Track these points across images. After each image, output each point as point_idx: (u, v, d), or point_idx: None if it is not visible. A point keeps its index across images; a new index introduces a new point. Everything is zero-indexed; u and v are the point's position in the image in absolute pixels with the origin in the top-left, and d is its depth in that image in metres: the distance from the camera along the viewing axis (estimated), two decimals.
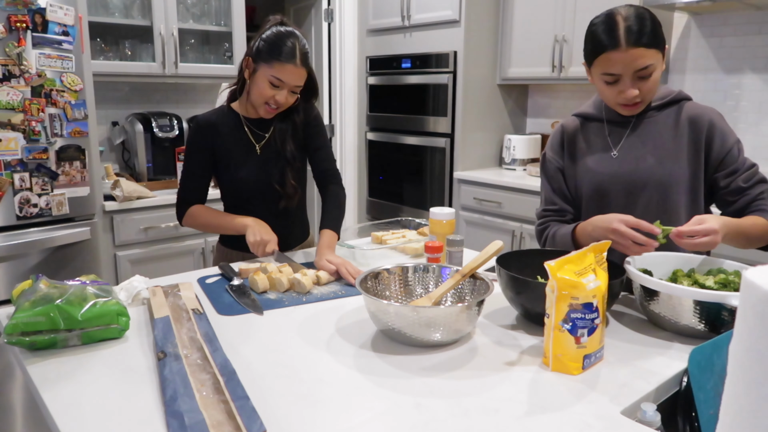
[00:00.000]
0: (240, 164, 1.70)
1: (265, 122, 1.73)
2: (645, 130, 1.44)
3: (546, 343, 1.03)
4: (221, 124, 1.70)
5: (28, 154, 2.22)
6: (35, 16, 2.17)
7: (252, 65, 1.64)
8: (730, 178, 1.38)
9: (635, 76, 1.31)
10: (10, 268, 2.28)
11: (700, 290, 1.09)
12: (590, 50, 1.35)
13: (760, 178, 1.39)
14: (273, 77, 1.59)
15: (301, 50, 1.61)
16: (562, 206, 1.52)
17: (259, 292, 1.40)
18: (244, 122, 1.72)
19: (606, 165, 1.45)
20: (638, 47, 1.27)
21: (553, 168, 1.54)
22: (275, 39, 1.60)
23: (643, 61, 1.28)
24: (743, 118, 2.88)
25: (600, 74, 1.34)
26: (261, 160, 1.72)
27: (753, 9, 2.73)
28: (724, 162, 1.39)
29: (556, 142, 1.55)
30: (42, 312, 1.04)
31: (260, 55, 1.61)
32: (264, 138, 1.73)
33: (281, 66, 1.59)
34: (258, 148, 1.72)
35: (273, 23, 1.66)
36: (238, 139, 1.71)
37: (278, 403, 0.90)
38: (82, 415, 0.87)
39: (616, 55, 1.28)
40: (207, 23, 3.16)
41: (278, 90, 1.61)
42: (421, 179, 3.71)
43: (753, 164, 1.40)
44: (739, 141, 1.41)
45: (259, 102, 1.64)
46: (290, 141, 1.74)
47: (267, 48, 1.60)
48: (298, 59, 1.60)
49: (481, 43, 3.44)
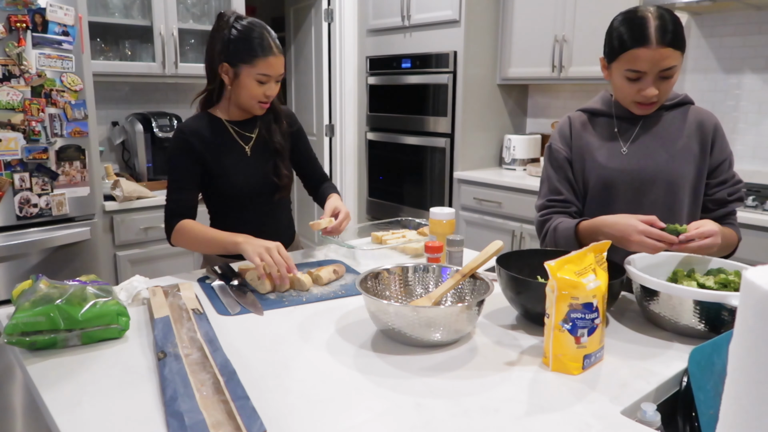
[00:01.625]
0: (232, 169, 1.66)
1: (249, 122, 1.72)
2: (655, 128, 1.45)
3: (546, 343, 1.03)
4: (207, 131, 1.65)
5: (28, 154, 2.22)
6: (35, 16, 2.17)
7: (231, 70, 1.60)
8: (718, 187, 1.44)
9: (658, 76, 1.33)
10: (10, 268, 2.28)
11: (700, 290, 1.09)
12: (617, 46, 1.35)
13: (740, 195, 1.45)
14: (259, 74, 1.58)
15: (273, 39, 1.60)
16: (567, 197, 1.50)
17: (263, 293, 1.40)
18: (229, 126, 1.69)
19: (615, 160, 1.45)
20: (666, 47, 1.29)
21: (561, 158, 1.51)
22: (245, 37, 1.57)
23: (669, 62, 1.30)
24: (743, 118, 2.88)
25: (623, 70, 1.35)
26: (252, 160, 1.70)
27: (753, 9, 2.73)
28: (718, 170, 1.44)
29: (564, 134, 1.53)
30: (42, 312, 1.04)
31: (238, 57, 1.58)
32: (251, 138, 1.71)
33: (264, 61, 1.57)
34: (248, 150, 1.70)
35: (231, 19, 1.60)
36: (226, 145, 1.67)
37: (278, 403, 0.90)
38: (82, 415, 0.87)
39: (645, 53, 1.30)
40: (207, 23, 3.15)
41: (266, 85, 1.61)
42: (421, 179, 3.71)
43: (739, 180, 1.46)
44: (732, 154, 1.46)
45: (251, 102, 1.63)
46: (277, 132, 1.74)
47: (241, 48, 1.57)
48: (275, 48, 1.59)
49: (481, 43, 3.44)
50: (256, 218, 1.70)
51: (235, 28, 1.58)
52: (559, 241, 1.44)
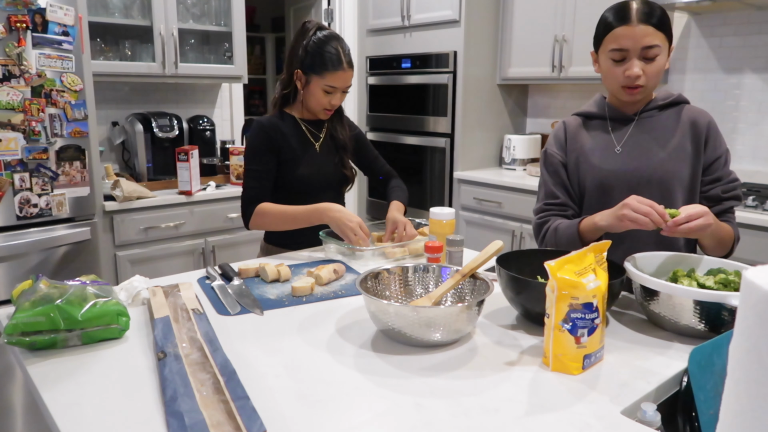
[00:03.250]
0: (304, 161, 1.81)
1: (319, 122, 1.89)
2: (649, 128, 1.46)
3: (546, 343, 1.03)
4: (283, 127, 1.80)
5: (28, 154, 2.22)
6: (35, 16, 2.17)
7: (303, 77, 1.76)
8: (712, 185, 1.44)
9: (641, 55, 1.36)
10: (10, 268, 2.28)
11: (700, 290, 1.09)
12: (600, 32, 1.41)
13: (736, 194, 1.44)
14: (326, 86, 1.74)
15: (345, 54, 1.74)
16: (564, 200, 1.52)
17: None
18: (302, 124, 1.85)
19: (610, 161, 1.46)
20: (647, 25, 1.33)
21: (556, 162, 1.54)
22: (319, 50, 1.72)
23: (650, 39, 1.34)
24: (743, 118, 2.88)
25: (608, 52, 1.39)
26: (323, 156, 1.86)
27: (753, 9, 2.73)
28: (712, 167, 1.44)
29: (559, 138, 1.56)
30: (42, 312, 1.04)
31: (310, 68, 1.74)
32: (320, 137, 1.88)
33: (332, 75, 1.73)
34: (317, 147, 1.86)
35: (311, 29, 1.75)
36: (299, 140, 1.82)
37: (278, 403, 0.90)
38: (82, 415, 0.87)
39: (625, 30, 1.34)
40: (207, 23, 3.16)
41: (332, 95, 1.77)
42: (421, 179, 3.71)
43: (735, 178, 1.45)
44: (728, 151, 1.46)
45: (317, 108, 1.80)
46: (342, 130, 1.90)
47: (314, 60, 1.73)
48: (345, 64, 1.74)
49: (481, 43, 3.44)
50: None
51: (313, 39, 1.74)
52: (561, 240, 1.44)
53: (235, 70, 3.16)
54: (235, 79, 3.22)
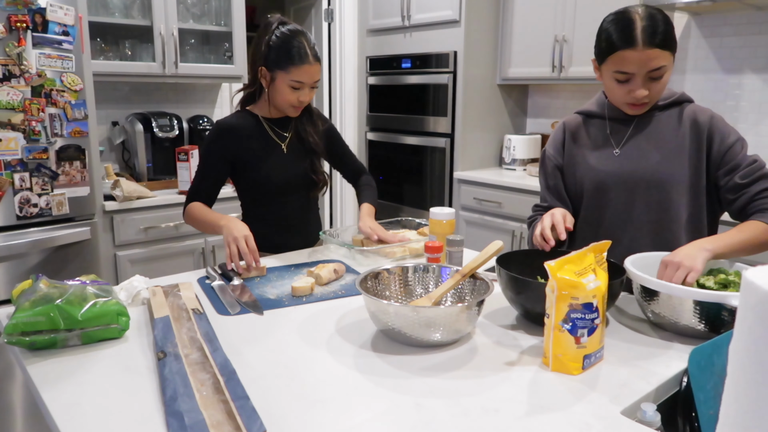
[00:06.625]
0: (265, 163, 1.74)
1: (285, 121, 1.80)
2: (648, 129, 1.44)
3: (546, 343, 1.03)
4: (243, 128, 1.74)
5: (28, 154, 2.22)
6: (35, 16, 2.17)
7: (268, 74, 1.68)
8: (729, 176, 1.37)
9: (647, 77, 1.31)
10: (10, 268, 2.28)
11: (700, 290, 1.09)
12: (604, 48, 1.34)
13: (761, 174, 1.35)
14: (293, 81, 1.65)
15: (311, 48, 1.66)
16: (552, 204, 1.53)
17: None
18: (266, 124, 1.77)
19: (608, 162, 1.46)
20: (654, 48, 1.27)
21: (551, 165, 1.55)
22: (283, 44, 1.64)
23: (657, 62, 1.29)
24: (743, 118, 2.88)
25: (612, 72, 1.34)
26: (289, 157, 1.78)
27: (753, 9, 2.73)
28: (725, 159, 1.37)
29: (558, 140, 1.56)
30: (42, 312, 1.04)
31: (275, 63, 1.65)
32: (287, 137, 1.80)
33: (298, 69, 1.64)
34: (284, 147, 1.79)
35: (274, 24, 1.67)
36: (261, 141, 1.75)
37: (278, 403, 0.90)
38: (82, 415, 0.87)
39: (631, 54, 1.28)
40: (207, 23, 3.15)
41: (300, 91, 1.68)
42: (421, 179, 3.71)
43: (755, 160, 1.37)
44: (743, 139, 1.40)
45: (286, 106, 1.71)
46: (311, 132, 1.82)
47: (279, 55, 1.64)
48: (311, 57, 1.65)
49: (481, 43, 3.44)
50: (285, 214, 1.79)
51: (275, 34, 1.65)
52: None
53: (235, 70, 3.16)
54: (235, 79, 3.22)
